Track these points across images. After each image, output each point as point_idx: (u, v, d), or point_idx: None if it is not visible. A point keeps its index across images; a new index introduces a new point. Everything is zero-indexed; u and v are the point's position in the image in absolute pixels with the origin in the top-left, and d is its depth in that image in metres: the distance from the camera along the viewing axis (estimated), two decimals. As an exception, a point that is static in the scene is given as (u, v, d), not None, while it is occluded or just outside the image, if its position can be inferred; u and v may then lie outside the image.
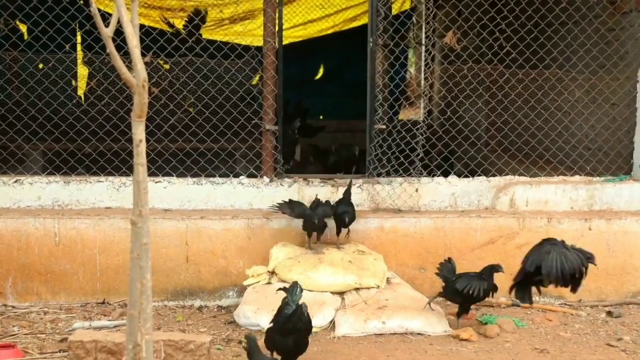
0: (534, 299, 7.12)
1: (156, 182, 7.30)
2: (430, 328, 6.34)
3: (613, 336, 6.43)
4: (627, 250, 7.25)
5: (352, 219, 6.95)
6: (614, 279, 7.25)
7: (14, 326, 6.39)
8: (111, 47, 3.31)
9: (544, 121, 8.20)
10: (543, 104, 8.30)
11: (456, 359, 5.83)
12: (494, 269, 6.30)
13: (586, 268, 5.68)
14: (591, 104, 8.09)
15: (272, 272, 6.85)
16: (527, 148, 8.14)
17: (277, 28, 7.42)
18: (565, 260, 5.64)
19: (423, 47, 12.48)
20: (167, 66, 9.11)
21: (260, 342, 5.35)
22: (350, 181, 7.22)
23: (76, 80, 11.19)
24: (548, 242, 5.90)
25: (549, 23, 8.07)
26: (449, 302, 7.11)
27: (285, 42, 7.68)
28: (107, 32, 3.31)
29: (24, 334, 6.21)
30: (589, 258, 5.74)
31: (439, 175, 7.66)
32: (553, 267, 5.63)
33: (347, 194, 7.05)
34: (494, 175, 7.74)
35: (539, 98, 8.21)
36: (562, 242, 5.84)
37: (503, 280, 7.20)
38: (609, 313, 6.96)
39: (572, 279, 5.69)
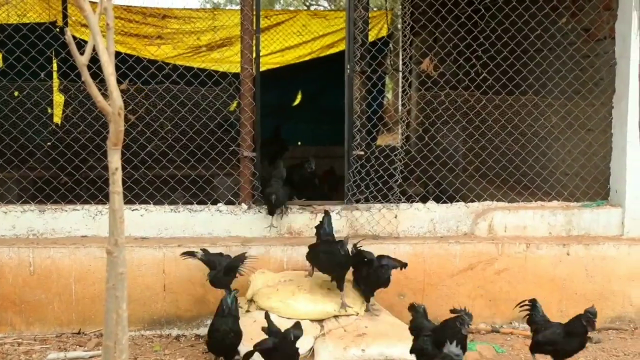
0: (514, 325, 7.15)
1: (133, 210, 7.24)
2: (410, 355, 6.29)
3: (593, 362, 6.42)
4: (605, 276, 7.26)
5: None
6: (593, 304, 7.25)
7: (-13, 358, 6.29)
8: (86, 75, 3.28)
9: (521, 147, 8.24)
10: (520, 129, 8.34)
11: (436, 386, 5.78)
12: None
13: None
14: (567, 130, 8.15)
15: (251, 300, 6.79)
16: (505, 174, 8.17)
17: (254, 55, 7.42)
18: None
19: (400, 74, 12.54)
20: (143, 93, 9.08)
21: None
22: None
23: (52, 108, 11.12)
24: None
25: (524, 50, 8.14)
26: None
27: (262, 68, 7.68)
28: (82, 60, 3.28)
29: (-2, 366, 6.11)
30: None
31: (417, 201, 7.66)
32: None
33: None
34: (472, 201, 7.75)
35: (515, 124, 8.25)
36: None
37: (482, 307, 7.21)
38: (589, 339, 6.94)
39: None
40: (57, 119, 11.43)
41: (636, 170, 7.44)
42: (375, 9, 16.71)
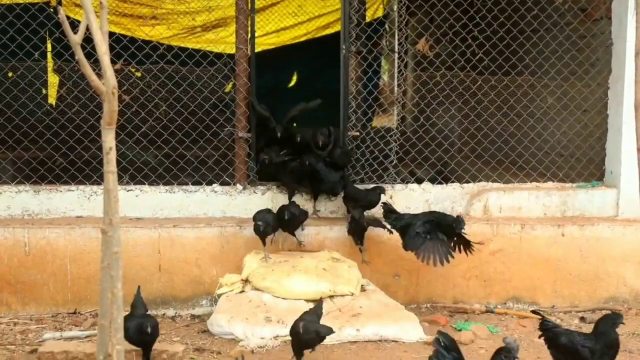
0: (508, 305, 7.18)
1: (128, 191, 7.23)
2: (405, 335, 6.33)
3: (587, 341, 6.44)
4: (599, 256, 7.29)
5: None
6: (587, 285, 7.28)
7: (-18, 338, 6.29)
8: (80, 54, 3.26)
9: (516, 128, 8.23)
10: (515, 110, 8.34)
11: (431, 366, 5.81)
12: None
13: None
14: (563, 111, 8.14)
15: (246, 281, 6.80)
16: (500, 154, 8.17)
17: (249, 35, 7.39)
18: None
19: (396, 54, 12.52)
20: (138, 74, 9.04)
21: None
22: None
23: (46, 89, 11.07)
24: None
25: (521, 30, 8.11)
26: (423, 309, 7.14)
27: (258, 49, 7.67)
28: (76, 39, 3.26)
29: (-7, 346, 6.11)
30: None
31: (412, 182, 7.66)
32: None
33: None
34: (467, 182, 7.75)
35: (511, 105, 8.24)
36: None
37: (477, 287, 7.24)
38: (582, 319, 6.99)
39: None
40: (51, 100, 11.38)
41: (631, 151, 7.42)
42: (371, -11, 16.61)
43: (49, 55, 10.78)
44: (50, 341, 5.94)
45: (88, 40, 3.28)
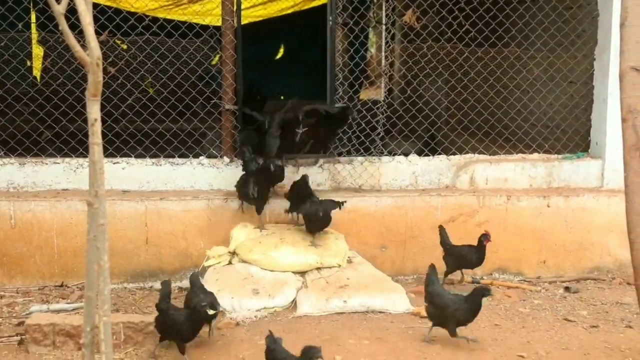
0: (494, 276, 7.22)
1: (114, 163, 7.21)
2: (392, 306, 6.36)
3: (571, 311, 6.51)
4: (584, 227, 7.34)
5: None
6: (572, 255, 7.34)
7: (-31, 311, 6.29)
8: (64, 25, 3.23)
9: (503, 99, 8.24)
10: (502, 82, 8.34)
11: (417, 336, 5.86)
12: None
13: None
14: (549, 82, 8.15)
15: (233, 253, 6.82)
16: (487, 126, 8.18)
17: (235, 7, 7.34)
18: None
19: (383, 26, 12.44)
20: (124, 46, 8.98)
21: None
22: None
23: (30, 60, 10.98)
24: None
25: (507, 1, 8.09)
26: (409, 280, 7.18)
27: (244, 21, 7.61)
28: (59, 9, 3.23)
29: (-20, 319, 6.11)
30: None
31: (399, 154, 7.67)
32: None
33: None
34: (454, 154, 7.77)
35: (498, 76, 8.24)
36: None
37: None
38: (567, 289, 7.04)
39: None
40: (36, 72, 11.29)
41: (617, 122, 7.44)
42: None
43: (33, 26, 10.69)
44: (37, 314, 5.93)
45: (73, 11, 3.26)
